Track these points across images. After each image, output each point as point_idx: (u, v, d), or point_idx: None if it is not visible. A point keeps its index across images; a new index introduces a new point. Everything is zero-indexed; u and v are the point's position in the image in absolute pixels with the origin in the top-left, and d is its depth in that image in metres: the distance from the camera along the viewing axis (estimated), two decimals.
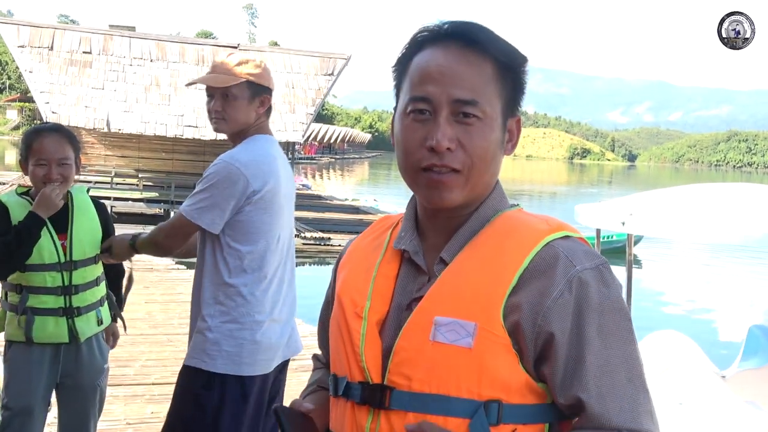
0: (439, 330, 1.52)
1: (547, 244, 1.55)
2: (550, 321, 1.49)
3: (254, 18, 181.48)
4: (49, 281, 3.76)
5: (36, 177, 3.76)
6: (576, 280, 1.50)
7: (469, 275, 1.56)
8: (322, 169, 75.47)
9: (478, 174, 1.59)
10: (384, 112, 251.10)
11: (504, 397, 1.49)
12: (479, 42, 1.57)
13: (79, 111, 22.32)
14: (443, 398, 1.50)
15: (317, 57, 25.65)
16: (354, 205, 32.24)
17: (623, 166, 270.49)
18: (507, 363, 1.50)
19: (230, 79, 3.44)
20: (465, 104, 1.55)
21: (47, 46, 23.14)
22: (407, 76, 1.63)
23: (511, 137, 1.66)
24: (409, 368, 1.54)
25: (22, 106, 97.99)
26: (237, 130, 3.52)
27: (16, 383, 3.79)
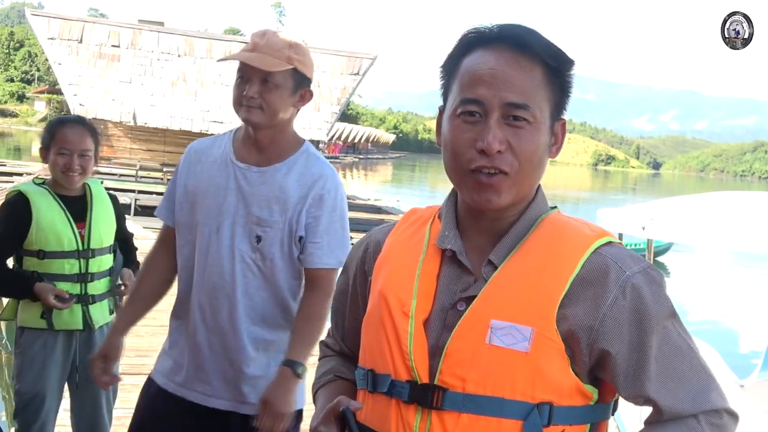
0: (496, 333, 1.54)
1: (595, 251, 1.58)
2: (607, 328, 1.54)
3: (282, 16, 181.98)
4: (67, 268, 3.82)
5: (56, 165, 3.83)
6: (629, 286, 1.54)
7: (522, 280, 1.58)
8: (346, 169, 75.53)
9: (526, 177, 1.60)
10: (409, 114, 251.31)
11: (555, 399, 1.53)
12: (529, 45, 1.58)
13: (106, 104, 22.52)
14: (498, 400, 1.53)
15: (344, 56, 25.71)
16: (376, 205, 32.22)
17: (648, 174, 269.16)
18: (559, 367, 1.53)
19: (277, 63, 2.86)
20: (516, 108, 1.57)
21: (77, 38, 23.34)
22: (456, 77, 1.64)
23: (557, 140, 1.67)
24: (463, 369, 1.56)
25: (50, 98, 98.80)
26: (272, 124, 2.93)
27: (29, 370, 3.84)
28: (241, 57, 2.89)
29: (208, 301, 2.96)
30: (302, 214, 2.90)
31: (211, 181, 2.98)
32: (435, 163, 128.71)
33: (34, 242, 3.79)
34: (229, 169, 2.96)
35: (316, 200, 2.91)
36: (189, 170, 3.05)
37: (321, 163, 2.99)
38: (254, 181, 2.93)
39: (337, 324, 1.97)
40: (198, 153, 3.08)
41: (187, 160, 3.09)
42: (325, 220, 2.92)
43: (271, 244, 2.90)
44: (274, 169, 2.93)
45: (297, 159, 2.96)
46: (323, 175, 2.95)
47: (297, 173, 2.93)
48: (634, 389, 1.56)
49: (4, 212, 3.87)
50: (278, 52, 2.87)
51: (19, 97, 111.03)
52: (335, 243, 2.94)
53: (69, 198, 3.90)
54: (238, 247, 2.91)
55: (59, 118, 4.05)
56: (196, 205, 2.99)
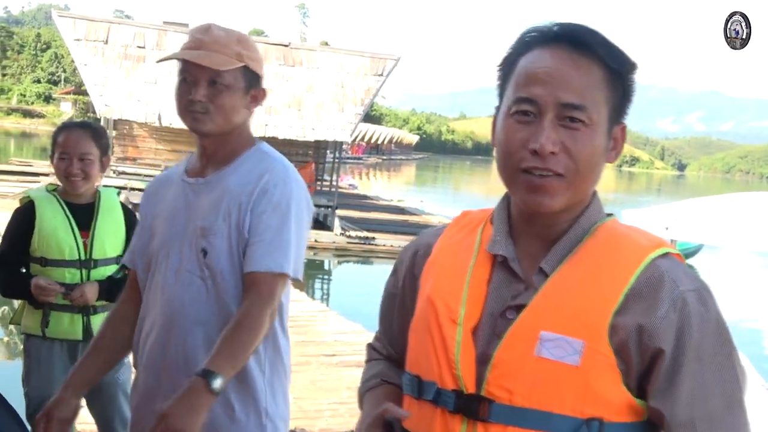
0: (545, 345, 1.51)
1: (651, 263, 1.53)
2: (656, 338, 1.49)
3: (305, 17, 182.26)
4: (68, 277, 3.82)
5: (58, 170, 3.84)
6: (680, 301, 1.50)
7: (574, 290, 1.54)
8: (369, 170, 75.55)
9: (581, 180, 1.57)
10: (432, 114, 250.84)
11: (605, 415, 1.49)
12: (589, 45, 1.55)
13: (131, 105, 22.66)
14: (545, 414, 1.49)
15: (367, 57, 25.72)
16: (399, 206, 32.25)
17: (672, 176, 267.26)
18: (611, 382, 1.49)
19: (227, 60, 2.52)
20: (572, 108, 1.53)
21: (102, 40, 23.51)
22: (513, 76, 1.60)
23: (616, 145, 1.63)
24: (510, 381, 1.52)
25: (76, 99, 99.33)
26: (225, 131, 2.59)
27: (34, 375, 3.87)
28: (185, 55, 2.53)
29: (157, 340, 2.58)
30: (248, 215, 2.52)
31: (165, 206, 2.68)
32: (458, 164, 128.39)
33: (36, 249, 3.82)
34: (179, 188, 2.66)
35: (259, 196, 2.53)
36: (148, 205, 2.78)
37: (271, 159, 2.63)
38: (201, 193, 2.60)
39: (384, 327, 1.94)
40: (155, 184, 2.83)
41: (146, 195, 2.82)
42: (267, 217, 2.51)
43: (218, 256, 2.51)
44: (220, 175, 2.61)
45: (246, 158, 2.63)
46: (270, 169, 2.58)
47: (243, 172, 2.59)
48: (663, 401, 1.50)
49: (13, 219, 3.92)
50: (226, 48, 2.53)
51: (46, 98, 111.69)
52: (276, 244, 2.49)
53: (77, 206, 3.90)
54: (185, 268, 2.55)
55: (64, 123, 4.06)
56: (152, 238, 2.68)
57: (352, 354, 8.62)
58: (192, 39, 2.56)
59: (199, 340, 2.51)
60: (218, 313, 2.51)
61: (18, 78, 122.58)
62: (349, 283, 19.03)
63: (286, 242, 2.50)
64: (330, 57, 25.66)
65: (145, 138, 27.17)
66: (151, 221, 2.70)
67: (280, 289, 2.50)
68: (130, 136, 26.86)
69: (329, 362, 8.24)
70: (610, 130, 1.59)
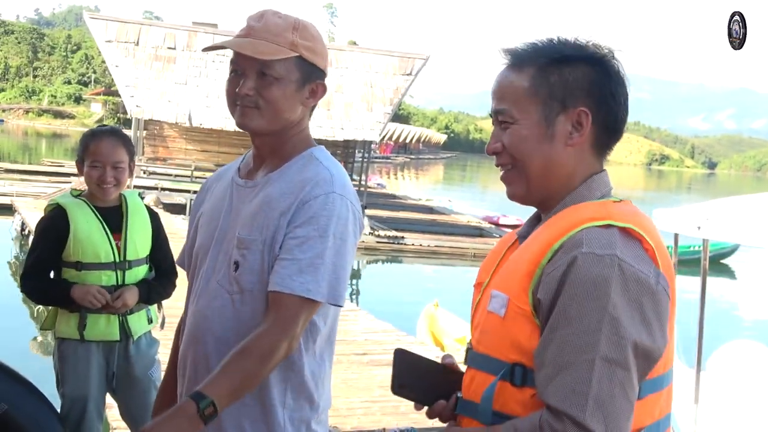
0: (491, 301, 1.78)
1: (581, 229, 1.68)
2: (541, 290, 1.67)
3: (334, 17, 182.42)
4: (105, 280, 3.85)
5: (90, 178, 3.86)
6: (571, 259, 1.64)
7: (517, 256, 1.80)
8: (397, 169, 75.60)
9: (526, 167, 1.82)
10: (460, 113, 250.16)
11: (527, 362, 1.68)
12: (515, 59, 1.85)
13: (162, 105, 22.82)
14: (486, 357, 1.77)
15: (396, 57, 25.75)
16: (428, 205, 32.24)
17: (703, 174, 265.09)
18: (528, 332, 1.69)
19: (276, 50, 2.26)
20: (499, 113, 1.85)
21: (133, 41, 23.69)
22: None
23: (578, 129, 1.80)
24: (476, 332, 1.85)
25: (106, 100, 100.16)
26: (274, 128, 2.34)
27: (71, 377, 3.91)
28: (230, 44, 2.30)
29: (183, 352, 2.43)
30: (282, 228, 2.25)
31: (211, 205, 2.49)
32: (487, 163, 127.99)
33: (71, 254, 3.84)
34: (228, 188, 2.45)
35: (299, 208, 2.24)
36: (198, 201, 2.61)
37: (320, 167, 2.33)
38: (245, 198, 2.37)
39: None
40: (211, 180, 2.64)
41: (200, 191, 2.65)
42: (302, 232, 2.22)
43: (250, 272, 2.26)
44: (267, 180, 2.35)
45: (294, 164, 2.35)
46: (314, 179, 2.28)
47: (287, 179, 2.31)
48: (536, 354, 1.67)
49: (43, 226, 3.95)
50: (278, 36, 2.26)
51: (76, 99, 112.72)
52: (307, 264, 2.19)
53: (105, 209, 3.93)
54: (216, 278, 2.34)
55: (92, 130, 4.06)
56: (195, 240, 2.50)
57: (383, 353, 8.64)
58: (245, 27, 2.31)
59: (220, 360, 2.21)
60: (241, 333, 2.24)
61: (49, 79, 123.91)
62: (379, 283, 19.09)
63: (319, 263, 2.20)
64: (359, 57, 25.71)
65: (176, 138, 27.34)
66: (197, 222, 2.52)
67: (304, 316, 2.21)
68: (161, 136, 27.03)
69: (360, 361, 8.28)
70: (552, 119, 1.79)
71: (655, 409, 1.71)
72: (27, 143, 64.78)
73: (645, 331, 1.61)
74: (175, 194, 23.37)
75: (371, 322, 10.26)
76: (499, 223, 28.03)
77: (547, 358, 1.62)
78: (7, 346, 9.25)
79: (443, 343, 10.28)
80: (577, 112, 1.78)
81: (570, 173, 1.81)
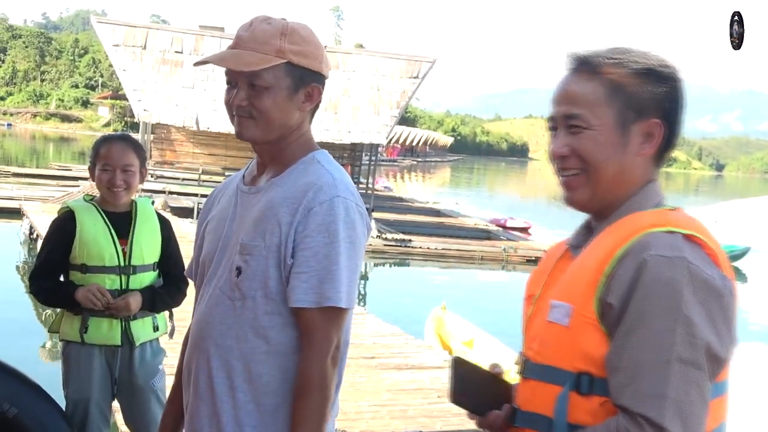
0: (552, 311, 1.78)
1: (644, 235, 1.69)
2: (611, 294, 1.67)
3: (340, 20, 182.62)
4: (108, 284, 3.88)
5: (101, 182, 3.92)
6: (641, 262, 1.65)
7: (578, 265, 1.80)
8: (404, 172, 75.59)
9: (596, 174, 1.82)
10: (467, 116, 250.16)
11: (594, 370, 1.68)
12: (588, 65, 1.85)
13: (169, 109, 22.85)
14: (549, 368, 1.76)
15: (403, 60, 25.75)
16: (435, 208, 32.23)
17: (710, 176, 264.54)
18: (596, 341, 1.69)
19: (260, 59, 2.24)
20: (570, 117, 1.83)
21: (141, 45, 23.74)
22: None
23: (649, 139, 1.84)
24: (534, 342, 1.84)
25: (114, 104, 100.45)
26: (271, 137, 2.33)
27: (74, 379, 3.95)
28: (213, 59, 2.30)
29: (190, 362, 2.41)
30: (290, 236, 2.22)
31: (216, 213, 2.49)
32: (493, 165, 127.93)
33: (77, 256, 3.89)
34: (233, 196, 2.45)
35: (303, 215, 2.22)
36: (205, 210, 2.60)
37: (321, 171, 2.31)
38: (248, 204, 2.36)
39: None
40: (218, 189, 2.61)
41: (207, 200, 2.64)
42: (313, 242, 2.20)
43: (252, 278, 2.25)
44: (269, 186, 2.34)
45: (295, 168, 2.34)
46: (316, 183, 2.26)
47: (288, 184, 2.30)
48: (609, 359, 1.66)
49: (52, 228, 4.02)
50: (264, 45, 2.25)
51: (84, 102, 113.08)
52: (325, 273, 2.19)
53: (115, 214, 3.97)
54: (219, 284, 2.33)
55: (104, 136, 4.16)
56: (203, 248, 2.51)
57: (391, 356, 8.65)
58: (234, 37, 2.31)
59: (223, 367, 2.28)
60: (244, 339, 2.25)
61: (56, 83, 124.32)
62: (386, 286, 19.08)
63: (335, 270, 2.20)
64: (365, 60, 25.72)
65: (183, 142, 27.39)
66: (204, 228, 2.52)
67: (336, 326, 2.25)
68: (168, 140, 27.10)
69: (368, 365, 8.27)
70: (627, 128, 1.81)
71: (718, 414, 1.71)
72: (35, 147, 64.98)
73: (715, 334, 1.62)
74: (183, 198, 23.43)
75: (379, 326, 10.25)
76: (507, 226, 28.02)
77: (622, 362, 1.62)
78: (17, 349, 9.27)
79: (450, 345, 10.27)
80: (651, 123, 1.82)
81: (634, 182, 1.84)
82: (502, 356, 9.72)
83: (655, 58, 1.82)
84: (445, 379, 7.86)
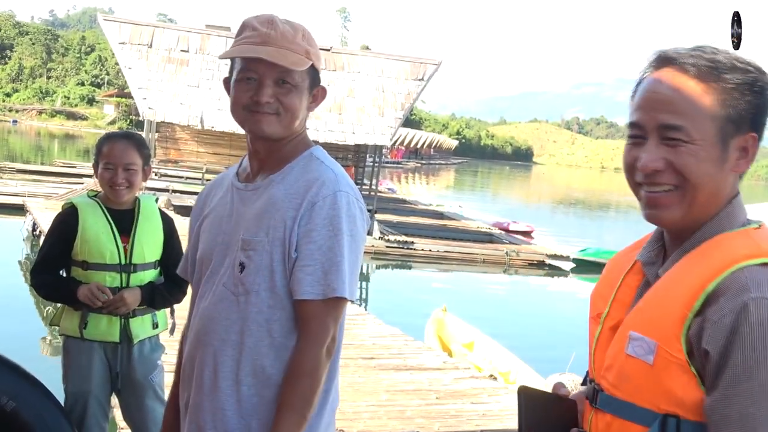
0: (632, 344, 1.67)
1: (738, 270, 1.57)
2: (706, 341, 1.55)
3: (347, 21, 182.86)
4: (109, 281, 3.90)
5: (103, 180, 3.95)
6: (742, 306, 1.52)
7: (662, 294, 1.67)
8: (408, 174, 75.59)
9: (694, 192, 1.66)
10: (472, 119, 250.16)
11: (681, 412, 1.59)
12: (688, 65, 1.67)
13: (174, 107, 22.89)
14: (630, 405, 1.66)
15: (408, 62, 25.77)
16: (438, 211, 32.24)
17: None
18: (683, 381, 1.59)
19: (299, 59, 2.30)
20: (671, 129, 1.65)
21: (147, 43, 23.78)
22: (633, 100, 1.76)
23: (745, 154, 1.70)
24: (609, 374, 1.72)
25: (119, 102, 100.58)
26: (287, 135, 2.38)
27: (73, 373, 3.98)
28: (258, 52, 2.27)
29: (188, 356, 2.45)
30: (294, 231, 2.28)
31: (212, 211, 2.51)
32: (497, 168, 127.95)
33: (78, 253, 3.92)
34: (228, 193, 2.48)
35: (307, 210, 2.28)
36: (199, 208, 2.62)
37: (322, 167, 2.37)
38: (247, 201, 2.40)
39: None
40: (210, 186, 2.64)
41: (199, 198, 2.66)
42: (317, 236, 2.26)
43: (256, 273, 2.29)
44: (268, 182, 2.38)
45: (296, 165, 2.39)
46: (319, 179, 2.32)
47: (291, 181, 2.35)
48: (707, 399, 1.56)
49: (55, 223, 4.04)
50: (296, 45, 2.30)
51: (89, 100, 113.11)
52: (329, 266, 2.25)
53: (117, 212, 4.00)
54: (221, 281, 2.36)
55: (108, 134, 4.17)
56: (199, 246, 2.53)
57: (390, 357, 8.66)
58: (256, 33, 2.30)
59: (228, 361, 2.32)
60: (248, 334, 2.30)
61: (62, 80, 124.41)
62: (388, 287, 19.09)
63: (339, 263, 2.26)
64: (371, 61, 25.75)
65: (187, 141, 27.47)
66: (199, 228, 2.54)
67: (334, 317, 2.31)
68: (173, 138, 27.17)
69: (367, 365, 8.28)
70: (727, 142, 1.66)
71: None
72: (40, 144, 65.06)
73: None
74: (186, 197, 23.43)
75: (379, 327, 10.25)
76: (509, 230, 28.01)
77: (731, 413, 1.51)
78: (18, 344, 9.30)
79: (451, 348, 10.28)
80: (747, 138, 1.69)
81: (724, 198, 1.71)
82: (502, 359, 9.73)
83: (753, 66, 1.68)
84: (445, 380, 7.89)
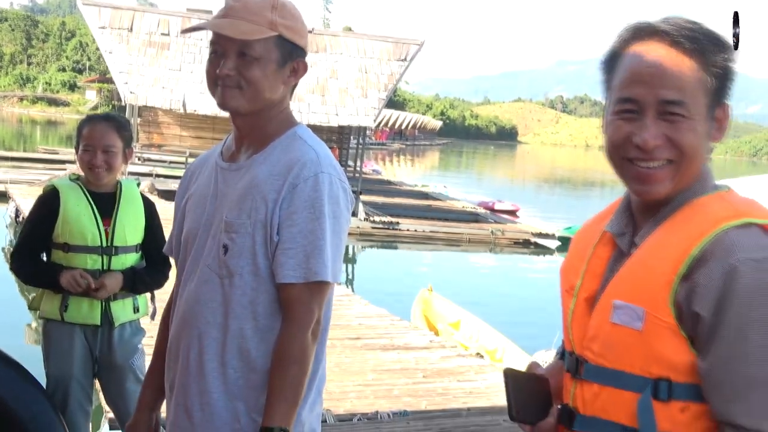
0: (616, 312, 1.66)
1: (722, 232, 1.57)
2: (697, 304, 1.56)
3: (329, 3, 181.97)
4: (90, 263, 3.89)
5: (82, 162, 3.94)
6: (731, 268, 1.52)
7: (644, 261, 1.67)
8: (393, 155, 75.55)
9: (688, 166, 1.67)
10: (456, 100, 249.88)
11: (672, 375, 1.60)
12: (683, 38, 1.64)
13: (156, 91, 22.74)
14: (618, 373, 1.66)
15: (390, 42, 25.65)
16: (423, 191, 32.26)
17: None
18: (674, 345, 1.60)
19: (256, 29, 2.25)
20: (672, 104, 1.63)
21: (127, 27, 23.58)
22: (616, 74, 1.71)
23: (720, 124, 1.70)
24: (594, 344, 1.72)
25: (101, 87, 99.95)
26: (255, 108, 2.32)
27: (54, 356, 3.97)
28: (209, 25, 2.29)
29: (173, 339, 2.43)
30: (275, 214, 2.25)
31: (196, 190, 2.48)
32: (482, 149, 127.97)
33: (59, 235, 3.89)
34: (212, 172, 2.44)
35: (288, 192, 2.24)
36: (183, 187, 2.59)
37: (305, 147, 2.32)
38: (230, 181, 2.36)
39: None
40: (194, 165, 2.61)
41: (183, 177, 2.63)
42: (299, 218, 2.23)
43: (239, 255, 2.26)
44: (251, 162, 2.34)
45: (278, 144, 2.35)
46: (301, 160, 2.27)
47: (273, 161, 2.31)
48: (700, 362, 1.57)
49: (36, 206, 4.01)
50: (257, 15, 2.26)
51: (71, 86, 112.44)
52: (311, 249, 2.22)
53: (99, 195, 3.98)
54: (205, 262, 2.33)
55: (89, 116, 4.16)
56: (183, 225, 2.50)
57: (376, 337, 8.69)
58: (224, 5, 2.30)
59: (213, 344, 2.30)
60: (233, 316, 2.29)
61: (43, 66, 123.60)
62: (373, 268, 19.12)
63: (322, 246, 2.23)
64: (353, 42, 25.62)
65: (170, 125, 27.29)
66: (184, 207, 2.52)
67: (318, 301, 2.28)
68: (155, 123, 26.99)
69: (354, 345, 8.30)
70: (712, 114, 1.67)
71: None
72: (21, 131, 64.66)
73: None
74: (170, 181, 23.32)
75: (365, 307, 10.27)
76: (495, 209, 28.07)
77: (727, 376, 1.52)
78: (4, 331, 9.28)
79: (437, 327, 10.31)
80: (724, 107, 1.69)
81: (701, 168, 1.72)
82: (489, 337, 9.77)
83: (721, 36, 1.68)
84: (432, 359, 7.90)
